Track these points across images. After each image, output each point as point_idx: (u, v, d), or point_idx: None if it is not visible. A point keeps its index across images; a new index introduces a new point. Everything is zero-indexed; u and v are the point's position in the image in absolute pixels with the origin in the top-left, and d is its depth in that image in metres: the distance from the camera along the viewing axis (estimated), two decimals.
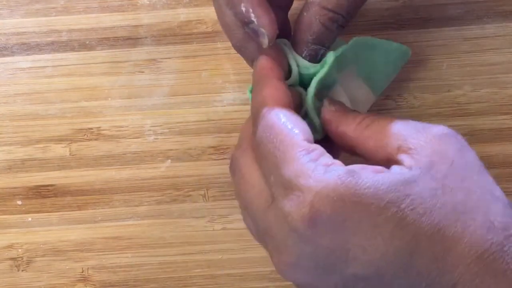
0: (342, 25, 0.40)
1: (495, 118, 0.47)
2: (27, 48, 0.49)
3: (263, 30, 0.38)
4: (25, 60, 0.48)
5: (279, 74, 0.39)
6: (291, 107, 0.37)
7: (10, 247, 0.47)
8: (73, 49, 0.49)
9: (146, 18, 0.49)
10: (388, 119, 0.37)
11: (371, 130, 0.37)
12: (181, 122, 0.48)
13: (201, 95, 0.48)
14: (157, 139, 0.48)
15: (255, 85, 0.39)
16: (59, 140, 0.48)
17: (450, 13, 0.48)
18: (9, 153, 0.48)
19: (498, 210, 0.33)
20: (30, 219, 0.47)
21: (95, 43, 0.49)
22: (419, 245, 0.33)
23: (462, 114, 0.47)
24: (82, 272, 0.47)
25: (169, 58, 0.48)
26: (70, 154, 0.48)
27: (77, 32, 0.49)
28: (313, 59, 0.40)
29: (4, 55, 0.49)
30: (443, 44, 0.48)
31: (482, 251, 0.32)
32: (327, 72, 0.39)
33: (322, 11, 0.39)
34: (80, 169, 0.47)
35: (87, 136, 0.48)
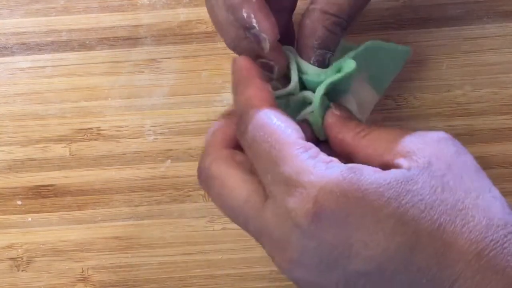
0: (345, 28, 0.40)
1: (495, 118, 0.47)
2: (27, 48, 0.49)
3: (264, 36, 0.38)
4: (25, 60, 0.48)
5: (259, 73, 0.39)
6: (275, 106, 0.37)
7: (10, 247, 0.47)
8: (73, 49, 0.49)
9: (146, 18, 0.49)
10: (387, 129, 0.37)
11: (369, 138, 0.37)
12: (181, 122, 0.48)
13: (201, 95, 0.48)
14: (157, 139, 0.48)
15: (237, 85, 0.39)
16: (59, 140, 0.48)
17: (450, 13, 0.48)
18: (9, 153, 0.48)
19: (497, 208, 0.34)
20: (30, 219, 0.47)
21: (95, 43, 0.49)
22: (419, 240, 0.33)
23: (462, 114, 0.47)
24: (82, 272, 0.47)
25: (169, 58, 0.48)
26: (70, 154, 0.48)
27: (77, 32, 0.49)
28: (322, 64, 0.40)
29: (4, 55, 0.48)
30: (443, 44, 0.48)
31: (482, 247, 0.32)
32: (341, 78, 0.39)
33: (324, 16, 0.39)
34: (80, 169, 0.47)
35: (87, 136, 0.48)
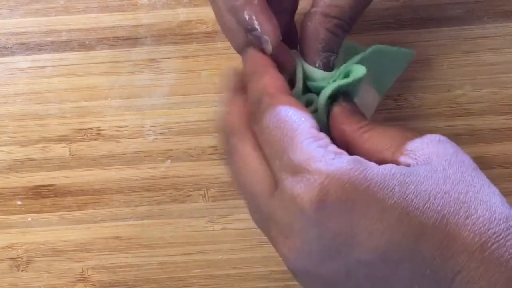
0: (347, 30, 0.40)
1: (495, 118, 0.47)
2: (27, 48, 0.49)
3: (266, 37, 0.39)
4: (25, 60, 0.48)
5: (274, 63, 0.39)
6: (290, 95, 0.38)
7: (10, 247, 0.47)
8: (72, 49, 0.49)
9: (146, 18, 0.49)
10: (388, 127, 0.38)
11: (369, 134, 0.38)
12: (181, 122, 0.48)
13: (201, 95, 0.48)
14: (157, 139, 0.48)
15: (252, 74, 0.39)
16: (58, 140, 0.48)
17: (450, 13, 0.48)
18: (9, 153, 0.48)
19: (497, 203, 0.34)
20: (30, 219, 0.47)
21: (95, 43, 0.48)
22: (424, 231, 0.33)
23: (462, 114, 0.47)
24: (82, 272, 0.47)
25: (169, 58, 0.48)
26: (70, 154, 0.48)
27: (76, 32, 0.49)
28: (327, 67, 0.40)
29: (3, 55, 0.48)
30: (443, 44, 0.48)
31: (485, 239, 0.33)
32: (350, 83, 0.39)
33: (326, 19, 0.39)
34: (80, 169, 0.47)
35: (86, 136, 0.48)
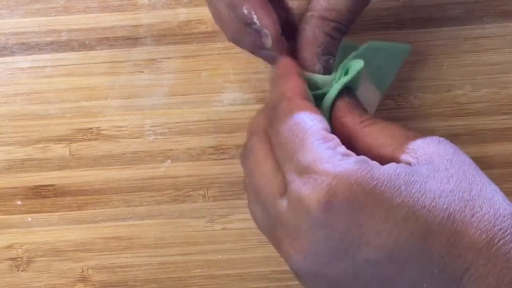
0: (345, 32, 0.40)
1: (495, 118, 0.47)
2: (27, 48, 0.49)
3: (266, 31, 0.39)
4: (25, 60, 0.48)
5: (300, 72, 0.40)
6: (308, 100, 0.38)
7: (10, 247, 0.47)
8: (72, 49, 0.49)
9: (146, 18, 0.49)
10: (390, 123, 0.38)
11: (371, 128, 0.38)
12: (181, 122, 0.48)
13: (201, 95, 0.48)
14: (156, 139, 0.48)
15: (277, 79, 0.40)
16: (58, 140, 0.48)
17: (450, 13, 0.48)
18: (9, 153, 0.48)
19: (500, 200, 0.35)
20: (30, 219, 0.47)
21: (95, 43, 0.48)
22: (431, 230, 0.33)
23: (462, 114, 0.47)
24: (82, 272, 0.47)
25: (169, 58, 0.48)
26: (70, 154, 0.48)
27: (76, 32, 0.49)
28: (327, 70, 0.40)
29: (3, 55, 0.48)
30: (443, 44, 0.48)
31: (492, 236, 0.33)
32: (353, 78, 0.39)
33: (324, 23, 0.39)
34: (80, 169, 0.47)
35: (86, 136, 0.48)
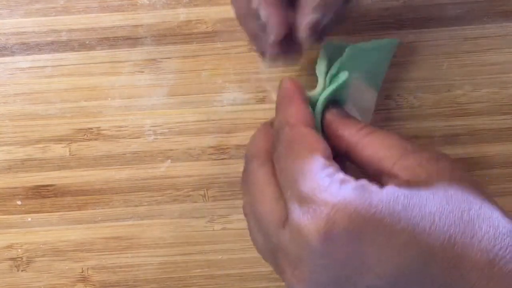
0: None
1: (495, 118, 0.47)
2: (27, 48, 0.49)
3: (271, 27, 0.39)
4: (25, 60, 0.48)
5: (304, 95, 0.40)
6: (311, 126, 0.38)
7: (10, 247, 0.47)
8: (73, 49, 0.49)
9: (146, 18, 0.49)
10: (387, 133, 0.38)
11: (369, 139, 0.38)
12: (181, 122, 0.48)
13: (201, 95, 0.48)
14: (157, 139, 0.48)
15: (280, 102, 0.40)
16: (58, 140, 0.48)
17: (450, 13, 0.48)
18: (9, 153, 0.48)
19: (499, 217, 0.34)
20: (30, 219, 0.47)
21: (95, 43, 0.49)
22: (432, 253, 0.33)
23: (462, 114, 0.47)
24: (82, 272, 0.47)
25: (169, 58, 0.48)
26: (70, 154, 0.48)
27: (77, 32, 0.49)
28: (316, 29, 0.39)
29: (3, 55, 0.48)
30: (443, 44, 0.48)
31: (493, 256, 0.33)
32: (335, 89, 0.40)
33: None
34: (80, 169, 0.47)
35: (87, 136, 0.48)
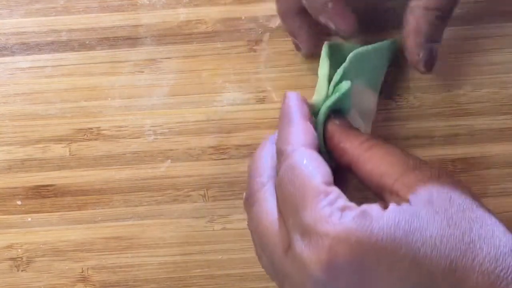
0: (447, 18, 0.42)
1: (495, 118, 0.47)
2: (27, 48, 0.49)
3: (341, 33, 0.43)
4: (25, 60, 0.48)
5: (306, 113, 0.39)
6: (316, 147, 0.38)
7: (10, 247, 0.47)
8: (73, 49, 0.49)
9: (146, 18, 0.49)
10: (389, 147, 0.37)
11: (371, 153, 0.37)
12: (181, 122, 0.48)
13: (201, 95, 0.48)
14: (157, 139, 0.48)
15: (282, 120, 0.39)
16: (58, 140, 0.48)
17: None
18: (9, 153, 0.48)
19: (500, 236, 0.34)
20: (30, 219, 0.47)
21: (95, 43, 0.48)
22: (434, 279, 0.33)
23: (462, 114, 0.47)
24: (82, 272, 0.47)
25: (169, 58, 0.48)
26: (70, 154, 0.47)
27: (77, 32, 0.49)
28: (429, 57, 0.42)
29: (3, 55, 0.48)
30: (443, 44, 0.47)
31: (494, 278, 0.33)
32: (338, 99, 0.40)
33: (427, 12, 0.41)
34: (80, 169, 0.47)
35: (87, 136, 0.48)
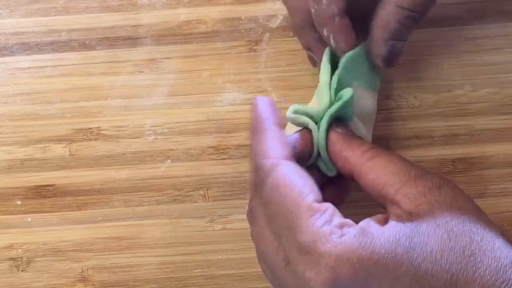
0: (418, 21, 0.41)
1: (495, 118, 0.47)
2: (27, 48, 0.49)
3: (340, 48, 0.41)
4: (25, 60, 0.48)
5: (279, 120, 0.38)
6: (291, 156, 0.37)
7: (10, 247, 0.47)
8: (72, 49, 0.49)
9: (146, 18, 0.49)
10: (391, 157, 0.37)
11: (373, 163, 0.37)
12: (181, 122, 0.48)
13: (201, 95, 0.48)
14: (157, 139, 0.48)
15: (253, 131, 0.38)
16: (59, 140, 0.48)
17: (450, 13, 0.48)
18: (9, 153, 0.48)
19: (501, 247, 0.34)
20: (30, 219, 0.47)
21: (95, 43, 0.48)
22: None
23: (462, 114, 0.47)
24: (82, 272, 0.47)
25: (169, 58, 0.48)
26: (70, 154, 0.47)
27: (77, 32, 0.49)
28: (392, 54, 0.41)
29: (4, 55, 0.48)
30: (443, 44, 0.48)
31: None
32: (341, 106, 0.39)
33: (398, 10, 0.40)
34: (80, 169, 0.47)
35: (87, 136, 0.48)
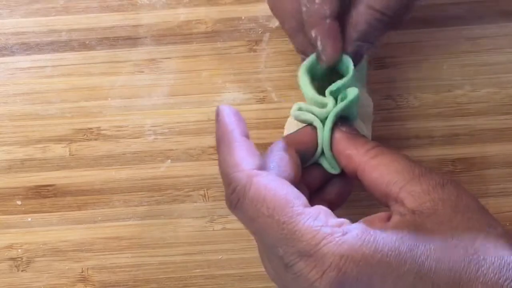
0: (389, 24, 0.40)
1: (495, 118, 0.47)
2: (27, 48, 0.49)
3: (323, 57, 0.40)
4: (25, 60, 0.48)
5: (243, 128, 0.38)
6: (265, 169, 0.37)
7: (10, 247, 0.47)
8: (72, 49, 0.49)
9: (146, 18, 0.49)
10: (396, 155, 0.37)
11: (377, 161, 0.37)
12: (181, 122, 0.48)
13: (201, 95, 0.48)
14: (157, 139, 0.48)
15: (219, 143, 0.38)
16: (58, 140, 0.48)
17: (450, 13, 0.48)
18: (9, 153, 0.48)
19: (504, 245, 0.34)
20: (30, 219, 0.47)
21: (95, 43, 0.49)
22: None
23: (462, 114, 0.47)
24: (82, 272, 0.47)
25: (169, 58, 0.48)
26: (70, 154, 0.47)
27: (77, 32, 0.49)
28: (357, 55, 0.40)
29: (4, 55, 0.48)
30: (443, 44, 0.48)
31: None
32: (346, 105, 0.39)
33: (368, 11, 0.39)
34: (80, 169, 0.47)
35: (87, 136, 0.48)
